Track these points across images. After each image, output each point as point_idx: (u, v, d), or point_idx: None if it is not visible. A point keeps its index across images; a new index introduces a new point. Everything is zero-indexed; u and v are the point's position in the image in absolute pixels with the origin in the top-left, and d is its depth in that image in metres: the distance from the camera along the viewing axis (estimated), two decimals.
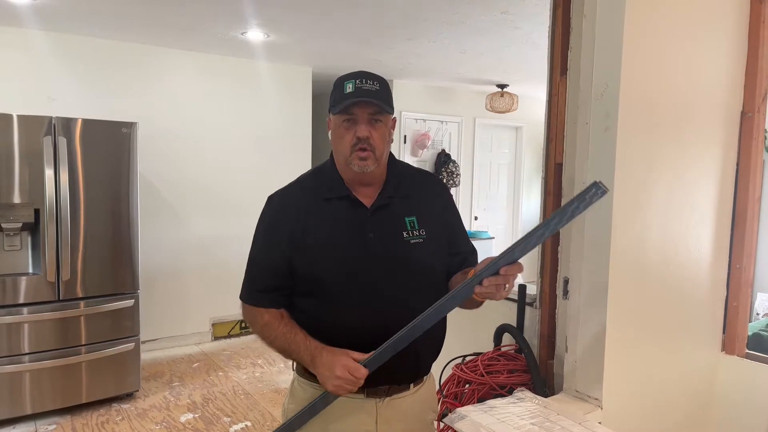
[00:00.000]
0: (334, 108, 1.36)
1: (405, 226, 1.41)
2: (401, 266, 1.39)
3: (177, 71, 4.44)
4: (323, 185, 1.43)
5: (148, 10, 3.38)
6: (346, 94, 1.33)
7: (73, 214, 3.19)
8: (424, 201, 1.47)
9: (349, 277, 1.37)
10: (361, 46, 4.18)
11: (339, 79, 1.39)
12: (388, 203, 1.42)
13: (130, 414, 3.29)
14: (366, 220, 1.39)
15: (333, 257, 1.38)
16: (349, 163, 1.36)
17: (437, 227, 1.45)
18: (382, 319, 1.36)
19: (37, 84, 3.88)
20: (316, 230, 1.38)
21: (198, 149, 4.55)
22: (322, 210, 1.40)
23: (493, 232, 6.07)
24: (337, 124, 1.38)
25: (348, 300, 1.38)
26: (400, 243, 1.39)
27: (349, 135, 1.35)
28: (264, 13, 3.38)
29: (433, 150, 5.98)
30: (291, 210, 1.41)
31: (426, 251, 1.41)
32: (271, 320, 1.42)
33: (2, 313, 3.03)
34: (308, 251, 1.38)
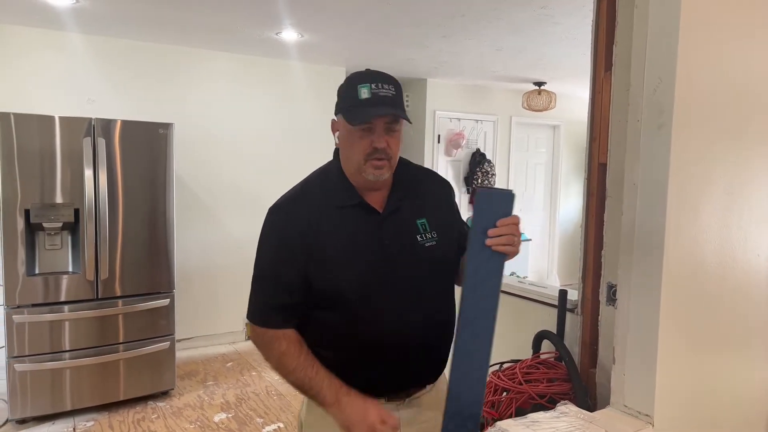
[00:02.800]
0: (351, 118, 1.27)
1: (417, 229, 1.37)
2: (419, 271, 1.35)
3: (212, 72, 4.48)
4: (334, 192, 1.36)
5: (185, 13, 3.41)
6: (362, 101, 1.25)
7: (111, 214, 3.24)
8: (431, 201, 1.43)
9: (371, 287, 1.32)
10: (394, 44, 4.13)
11: (350, 79, 1.31)
12: (399, 207, 1.37)
13: (165, 412, 3.33)
14: (380, 227, 1.34)
15: (353, 269, 1.31)
16: (362, 171, 1.30)
17: (446, 227, 1.42)
18: (404, 326, 1.34)
19: (78, 86, 3.97)
20: (332, 241, 1.31)
21: (232, 150, 4.59)
22: (335, 219, 1.32)
23: (529, 233, 5.93)
24: (349, 131, 1.30)
25: (370, 311, 1.32)
26: (416, 247, 1.35)
27: (363, 143, 1.28)
28: (298, 13, 3.37)
29: (467, 149, 5.88)
30: (302, 220, 1.32)
31: (439, 253, 1.38)
32: (290, 349, 1.32)
33: (45, 310, 3.10)
34: (326, 264, 1.30)
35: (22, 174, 3.01)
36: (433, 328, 1.39)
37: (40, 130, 3.04)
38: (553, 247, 6.76)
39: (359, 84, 1.27)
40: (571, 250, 6.86)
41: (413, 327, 1.33)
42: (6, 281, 3.00)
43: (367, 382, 1.34)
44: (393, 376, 1.37)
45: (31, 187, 3.03)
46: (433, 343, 1.40)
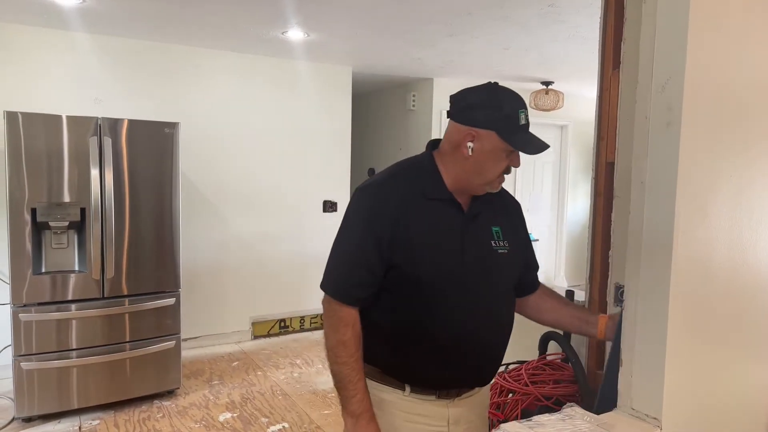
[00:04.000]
0: (516, 143, 1.35)
1: (493, 235, 1.43)
2: (490, 275, 1.42)
3: (218, 72, 4.48)
4: (426, 182, 1.39)
5: (191, 12, 3.41)
6: (521, 126, 1.36)
7: (118, 213, 3.24)
8: (503, 212, 1.50)
9: (446, 280, 1.36)
10: (401, 44, 4.12)
11: (509, 102, 1.37)
12: (481, 211, 1.43)
13: (170, 411, 3.33)
14: (464, 226, 1.40)
15: (432, 258, 1.34)
16: (489, 185, 1.40)
17: (516, 240, 1.48)
18: (472, 325, 1.39)
19: (85, 86, 3.98)
20: (417, 227, 1.34)
21: (238, 149, 4.59)
22: (423, 207, 1.36)
23: (537, 234, 5.89)
24: (496, 149, 1.35)
25: (442, 304, 1.36)
26: (490, 252, 1.42)
27: (504, 163, 1.37)
28: (304, 11, 3.36)
29: None
30: (391, 202, 1.34)
31: (509, 262, 1.45)
32: (351, 342, 1.33)
33: (51, 309, 3.11)
34: (410, 248, 1.32)
35: (29, 173, 3.02)
36: (496, 332, 1.46)
37: (47, 130, 3.06)
38: (561, 248, 6.71)
39: (519, 109, 1.36)
40: (579, 250, 6.82)
41: (479, 327, 1.40)
42: (12, 280, 3.01)
43: (422, 375, 1.40)
44: (450, 372, 1.41)
45: (38, 186, 3.05)
46: (494, 345, 1.47)
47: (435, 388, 1.42)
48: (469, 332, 1.39)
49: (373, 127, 6.53)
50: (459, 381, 1.45)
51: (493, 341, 1.47)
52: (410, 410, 1.41)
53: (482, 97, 1.39)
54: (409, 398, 1.41)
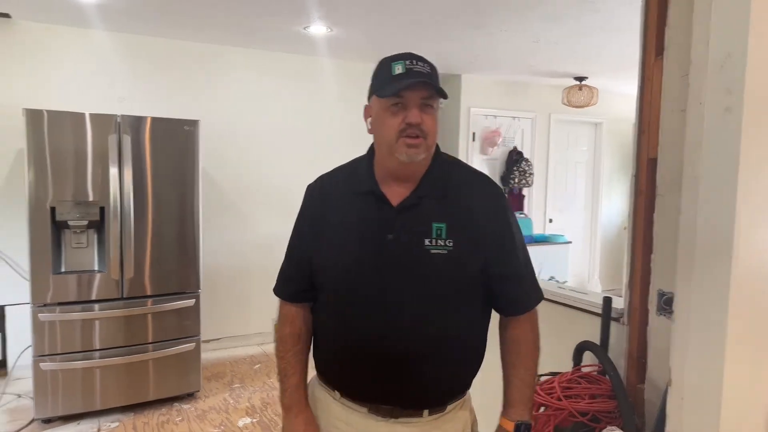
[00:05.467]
0: (381, 91, 1.21)
1: (430, 232, 1.23)
2: (414, 278, 1.23)
3: (239, 69, 4.43)
4: (355, 177, 1.32)
5: (212, 9, 3.35)
6: (395, 76, 1.20)
7: (138, 211, 3.20)
8: (464, 206, 1.26)
9: (354, 280, 1.26)
10: (425, 37, 3.98)
11: (384, 60, 1.25)
12: (418, 203, 1.25)
13: (189, 415, 3.27)
14: (389, 220, 1.25)
15: (344, 256, 1.27)
16: (395, 151, 1.21)
17: (473, 240, 1.24)
18: (382, 336, 1.23)
19: (107, 84, 3.97)
20: (336, 223, 1.29)
21: (259, 147, 4.53)
22: (348, 203, 1.30)
23: (569, 235, 5.67)
24: (382, 109, 1.22)
25: (348, 305, 1.27)
26: (419, 250, 1.22)
27: (396, 120, 1.20)
28: (326, 4, 3.26)
29: (504, 148, 5.68)
30: (320, 200, 1.35)
31: (448, 265, 1.22)
32: (288, 338, 1.37)
33: (70, 309, 3.08)
34: (323, 243, 1.30)
35: (53, 171, 3.00)
36: (419, 344, 1.24)
37: (71, 127, 3.03)
38: (594, 251, 6.47)
39: (393, 61, 1.22)
40: (614, 253, 6.56)
41: (394, 337, 1.22)
42: (33, 279, 2.99)
43: (345, 381, 1.32)
44: (366, 384, 1.29)
45: (60, 184, 3.02)
46: (415, 360, 1.25)
47: (364, 399, 1.29)
48: (376, 341, 1.23)
49: None
50: (382, 397, 1.27)
51: (411, 355, 1.24)
52: (339, 416, 1.32)
53: (375, 68, 1.29)
54: (340, 403, 1.33)
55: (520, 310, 1.32)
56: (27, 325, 3.16)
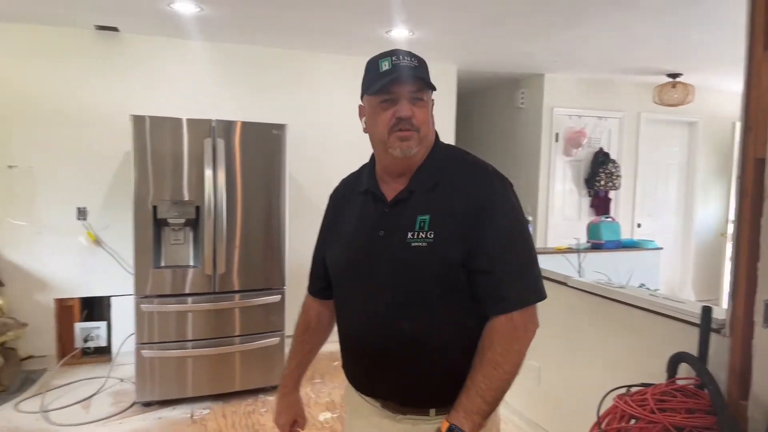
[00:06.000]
0: (369, 89, 1.24)
1: (413, 225, 1.21)
2: (394, 271, 1.22)
3: (323, 74, 4.56)
4: (359, 178, 1.40)
5: (299, 16, 3.48)
6: (382, 73, 1.22)
7: (230, 211, 3.38)
8: (450, 197, 1.21)
9: (348, 277, 1.33)
10: (510, 37, 3.92)
11: (371, 59, 1.27)
12: (408, 198, 1.25)
13: (274, 407, 3.40)
14: (382, 216, 1.28)
15: (340, 251, 1.35)
16: (389, 147, 1.23)
17: (455, 232, 1.18)
18: (365, 330, 1.28)
19: (202, 90, 4.22)
20: (342, 223, 1.38)
21: (342, 150, 4.63)
22: (353, 203, 1.37)
23: (660, 241, 5.36)
24: (372, 107, 1.26)
25: (343, 300, 1.36)
26: (400, 244, 1.21)
27: (386, 115, 1.22)
28: (409, 9, 3.29)
29: (589, 149, 5.46)
30: (333, 200, 1.47)
31: (428, 258, 1.17)
32: (301, 325, 1.52)
33: (169, 301, 3.30)
34: (330, 243, 1.41)
35: (153, 172, 3.23)
36: (395, 341, 1.22)
37: (170, 132, 3.25)
38: (688, 257, 6.07)
39: (380, 59, 1.24)
40: (709, 261, 6.13)
41: (370, 330, 1.26)
42: (136, 273, 3.24)
43: (348, 374, 1.39)
44: (365, 378, 1.34)
45: (160, 184, 3.25)
46: (395, 358, 1.23)
47: (368, 393, 1.33)
48: (361, 335, 1.30)
49: (479, 127, 6.34)
50: (381, 392, 1.29)
51: (392, 350, 1.23)
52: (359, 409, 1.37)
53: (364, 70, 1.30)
54: (358, 395, 1.37)
55: (494, 309, 1.18)
56: (128, 314, 3.42)
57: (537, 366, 2.99)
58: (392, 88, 1.20)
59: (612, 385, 1.95)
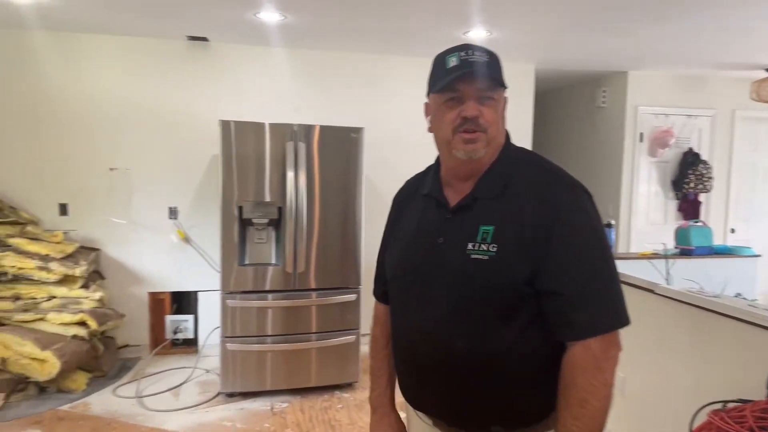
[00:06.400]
0: (434, 86, 1.17)
1: (475, 235, 1.11)
2: (450, 283, 1.13)
3: (400, 77, 4.60)
4: (424, 179, 1.33)
5: (378, 20, 3.53)
6: (448, 69, 1.13)
7: (309, 212, 3.49)
8: (518, 206, 1.10)
9: (401, 282, 1.26)
10: (593, 34, 3.79)
11: (439, 54, 1.19)
12: (471, 204, 1.16)
13: (349, 403, 3.48)
14: (443, 223, 1.20)
15: (397, 259, 1.29)
16: (453, 148, 1.15)
17: (522, 246, 1.07)
18: (417, 340, 1.20)
19: (283, 96, 4.38)
20: (402, 227, 1.32)
21: (417, 152, 4.61)
22: (415, 205, 1.31)
23: (758, 248, 4.98)
24: (437, 105, 1.18)
25: (396, 306, 1.29)
26: (459, 255, 1.12)
27: (451, 115, 1.14)
28: (488, 9, 3.26)
29: (677, 149, 5.17)
30: (396, 202, 1.42)
31: (487, 272, 1.08)
32: (377, 338, 1.42)
33: (254, 297, 3.45)
34: (389, 247, 1.35)
35: (238, 174, 3.39)
36: (448, 359, 1.13)
37: (253, 136, 3.40)
38: None
39: (448, 55, 1.16)
40: None
41: (421, 344, 1.18)
42: (222, 269, 3.41)
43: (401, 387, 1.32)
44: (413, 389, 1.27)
45: (245, 186, 3.41)
46: (446, 377, 1.15)
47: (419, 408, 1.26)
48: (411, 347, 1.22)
49: (557, 128, 6.16)
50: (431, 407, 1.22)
51: (440, 368, 1.15)
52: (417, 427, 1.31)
53: None
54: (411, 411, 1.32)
55: (566, 335, 1.07)
56: (213, 309, 3.61)
57: (621, 376, 2.87)
58: (458, 85, 1.12)
59: (704, 400, 1.85)
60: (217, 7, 3.35)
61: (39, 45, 3.97)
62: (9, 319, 3.51)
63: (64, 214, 4.11)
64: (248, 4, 3.29)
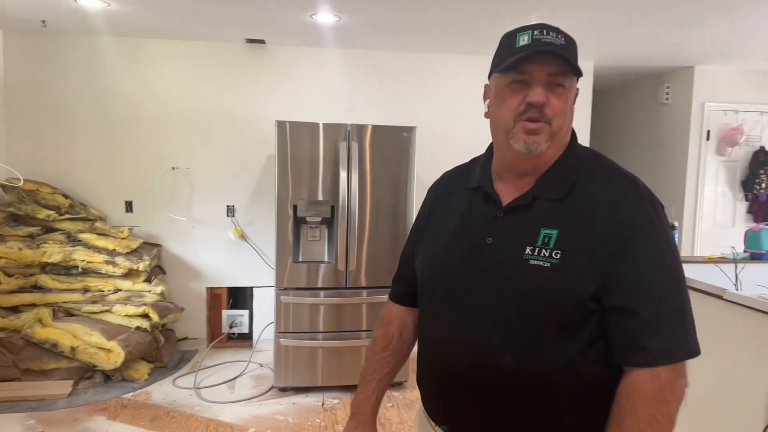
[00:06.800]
0: (498, 66, 1.02)
1: (535, 239, 1.00)
2: (501, 291, 1.01)
3: (450, 75, 4.56)
4: (472, 172, 1.19)
5: (430, 19, 3.52)
6: (518, 48, 0.99)
7: (360, 211, 3.51)
8: (587, 212, 0.99)
9: (438, 285, 1.11)
10: (658, 27, 3.63)
11: (509, 32, 1.05)
12: (531, 204, 1.04)
13: (399, 402, 3.48)
14: (493, 221, 1.06)
15: (436, 256, 1.14)
16: (511, 137, 1.01)
17: (590, 256, 0.96)
18: (454, 352, 1.06)
19: (335, 96, 4.43)
20: (440, 222, 1.18)
21: (468, 151, 4.56)
22: (458, 200, 1.17)
23: None
24: (499, 87, 1.04)
25: (429, 313, 1.15)
26: (516, 259, 1.00)
27: (515, 99, 1.00)
28: (545, 2, 3.19)
29: (747, 148, 4.89)
30: (436, 195, 1.26)
31: (549, 281, 0.97)
32: (377, 341, 1.30)
33: (307, 294, 3.51)
34: (423, 241, 1.21)
35: (293, 174, 3.45)
36: (490, 375, 1.02)
37: (308, 136, 3.45)
38: None
39: (519, 32, 1.02)
40: None
41: (460, 357, 1.05)
42: (277, 266, 3.48)
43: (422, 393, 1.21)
44: (442, 407, 1.13)
45: (299, 185, 3.47)
46: (486, 395, 1.03)
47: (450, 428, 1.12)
48: (449, 356, 1.07)
49: (616, 126, 5.94)
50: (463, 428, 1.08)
51: (479, 385, 1.03)
52: None
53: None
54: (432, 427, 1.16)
55: (633, 359, 0.96)
56: (267, 304, 3.69)
57: None
58: (526, 66, 0.98)
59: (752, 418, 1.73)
60: (275, 10, 3.42)
61: (107, 50, 4.18)
62: (78, 310, 3.71)
63: (130, 211, 4.31)
64: (305, 7, 3.35)
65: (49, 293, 3.73)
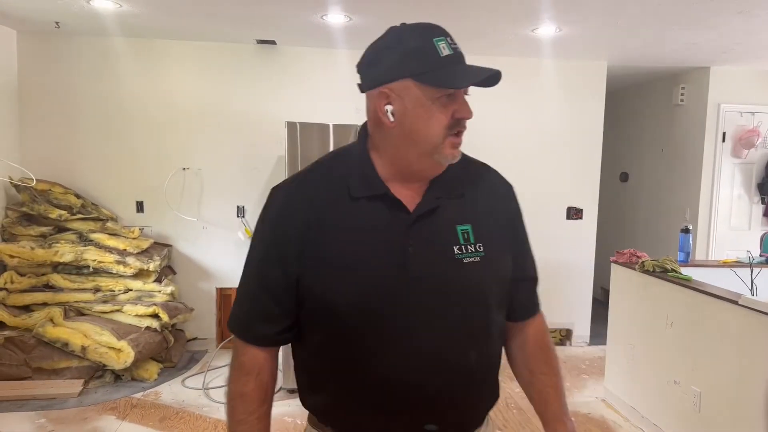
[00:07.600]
0: (440, 80, 0.96)
1: (457, 238, 1.02)
2: (451, 295, 1.00)
3: None
4: (349, 178, 1.03)
5: (440, 21, 3.49)
6: (445, 59, 0.96)
7: None
8: (483, 204, 1.09)
9: (379, 308, 0.99)
10: (672, 27, 3.58)
11: (418, 34, 1.00)
12: (437, 206, 1.03)
13: None
14: (407, 229, 1.00)
15: (354, 277, 0.99)
16: (436, 153, 0.99)
17: (500, 242, 1.08)
18: (421, 370, 0.99)
19: (346, 96, 4.40)
20: (334, 238, 1.00)
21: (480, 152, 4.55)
22: (348, 211, 1.01)
23: None
24: (428, 99, 0.96)
25: (375, 340, 1.00)
26: (450, 262, 1.00)
27: (444, 115, 0.97)
28: (558, 4, 3.15)
29: (763, 150, 4.81)
30: (303, 208, 1.03)
31: (484, 274, 1.03)
32: (251, 396, 1.06)
33: None
34: (321, 266, 1.00)
35: None
36: (460, 375, 1.02)
37: (318, 136, 3.45)
38: None
39: (435, 38, 0.97)
40: None
41: (434, 373, 0.99)
42: None
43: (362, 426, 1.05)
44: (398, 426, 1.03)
45: None
46: (459, 396, 1.03)
47: None
48: (417, 384, 0.99)
49: (629, 127, 5.88)
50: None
51: (455, 389, 1.02)
52: None
53: (382, 44, 1.05)
54: None
55: (532, 311, 1.20)
56: None
57: (698, 391, 2.69)
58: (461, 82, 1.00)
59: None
60: (285, 10, 3.42)
61: (119, 51, 4.21)
62: (89, 310, 3.73)
63: (140, 211, 4.33)
64: (316, 7, 3.34)
65: (61, 292, 3.75)
